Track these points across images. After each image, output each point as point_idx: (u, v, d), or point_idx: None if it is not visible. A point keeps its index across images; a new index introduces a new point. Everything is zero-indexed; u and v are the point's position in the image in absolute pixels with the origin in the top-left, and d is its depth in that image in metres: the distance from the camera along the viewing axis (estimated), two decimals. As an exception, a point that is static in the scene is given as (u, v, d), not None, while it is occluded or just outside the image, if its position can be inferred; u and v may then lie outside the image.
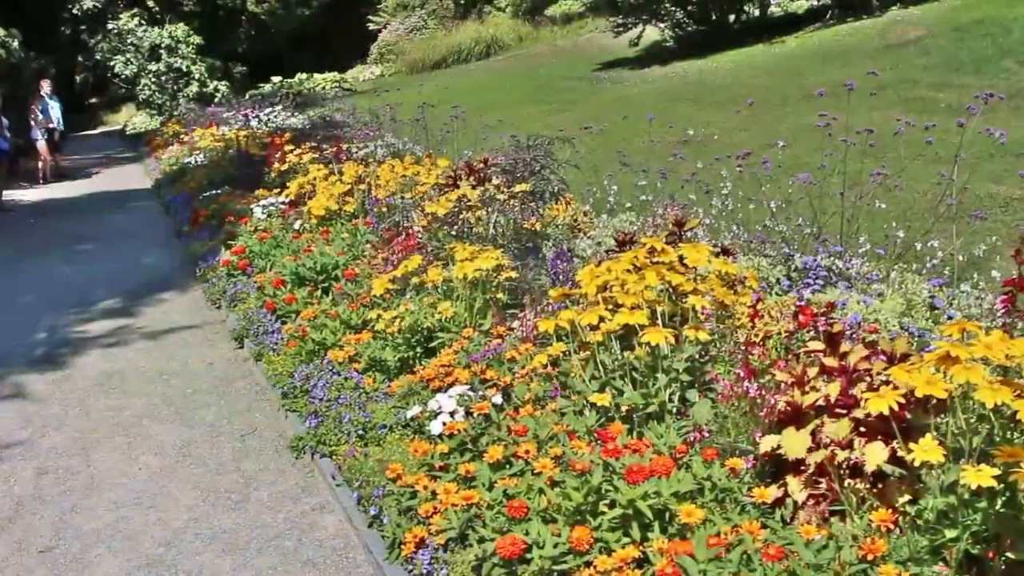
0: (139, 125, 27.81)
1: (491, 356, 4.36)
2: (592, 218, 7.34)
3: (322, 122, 14.59)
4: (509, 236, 5.83)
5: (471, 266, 4.84)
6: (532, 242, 6.29)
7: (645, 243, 4.06)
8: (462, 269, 4.83)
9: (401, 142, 11.51)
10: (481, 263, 4.84)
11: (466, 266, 4.83)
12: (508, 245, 5.82)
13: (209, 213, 10.39)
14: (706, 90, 15.52)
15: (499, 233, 5.86)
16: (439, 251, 6.10)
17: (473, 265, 4.85)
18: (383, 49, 37.99)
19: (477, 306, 4.96)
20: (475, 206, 6.16)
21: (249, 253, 7.69)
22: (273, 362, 5.48)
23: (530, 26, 34.13)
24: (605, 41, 25.50)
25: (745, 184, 6.85)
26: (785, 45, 18.08)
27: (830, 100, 12.66)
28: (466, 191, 6.38)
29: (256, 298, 6.71)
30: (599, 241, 7.15)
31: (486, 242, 5.79)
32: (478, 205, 6.20)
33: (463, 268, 4.83)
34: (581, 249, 6.76)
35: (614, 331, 3.65)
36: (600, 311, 3.67)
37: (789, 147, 7.22)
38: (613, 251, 5.17)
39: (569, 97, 18.05)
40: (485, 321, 4.94)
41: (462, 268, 4.84)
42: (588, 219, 7.30)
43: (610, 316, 3.67)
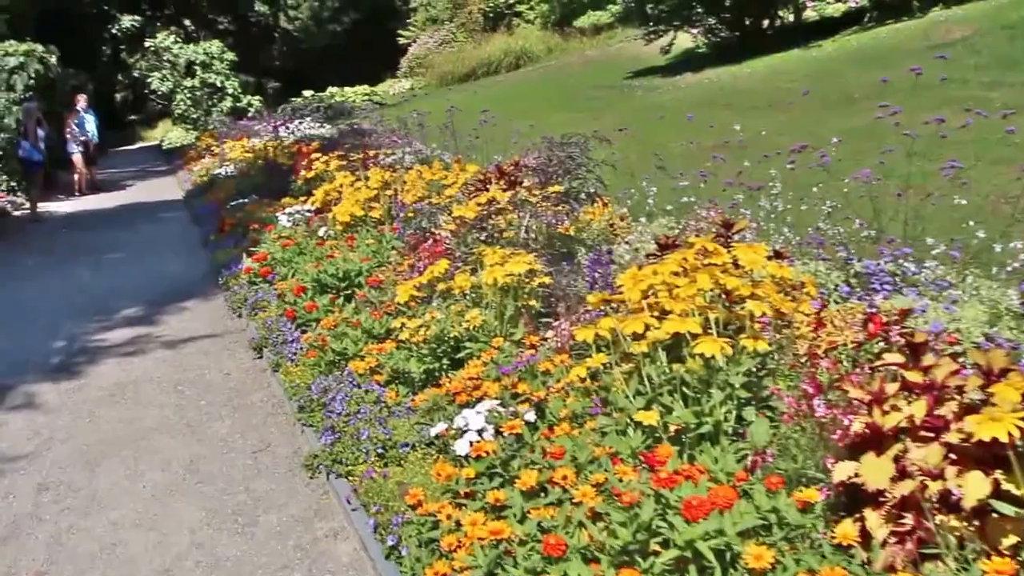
0: (175, 140, 28.00)
1: (523, 368, 4.00)
2: (628, 222, 6.98)
3: (350, 131, 14.34)
4: (542, 241, 5.48)
5: (501, 271, 4.49)
6: (565, 247, 5.93)
7: (694, 244, 3.69)
8: (492, 274, 4.48)
9: (429, 149, 11.21)
10: (512, 268, 4.49)
11: (496, 271, 4.48)
12: (540, 250, 5.47)
13: (235, 222, 10.15)
14: (741, 95, 15.09)
15: (531, 238, 5.51)
16: (467, 257, 5.76)
17: (504, 270, 4.50)
18: (413, 63, 37.98)
19: (508, 314, 4.61)
20: (505, 209, 5.81)
21: (271, 260, 7.39)
22: (291, 373, 5.16)
23: (559, 37, 33.96)
24: (635, 50, 25.14)
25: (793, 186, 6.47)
26: (822, 49, 17.61)
27: (874, 102, 12.29)
28: (496, 194, 6.04)
29: (277, 306, 6.41)
30: (636, 247, 6.79)
31: (517, 247, 5.44)
32: (508, 208, 5.86)
33: (493, 273, 4.48)
34: (618, 255, 6.40)
35: (661, 341, 3.29)
36: (646, 318, 3.30)
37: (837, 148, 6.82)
38: (654, 255, 4.82)
39: (600, 104, 17.70)
40: (516, 330, 4.59)
41: (492, 273, 4.48)
42: (625, 223, 6.94)
43: (657, 324, 3.31)
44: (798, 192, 6.11)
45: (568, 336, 4.41)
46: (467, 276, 4.93)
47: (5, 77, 17.87)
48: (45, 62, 18.66)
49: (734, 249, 3.63)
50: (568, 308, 5.03)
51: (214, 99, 28.69)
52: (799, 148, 5.28)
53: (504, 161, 7.63)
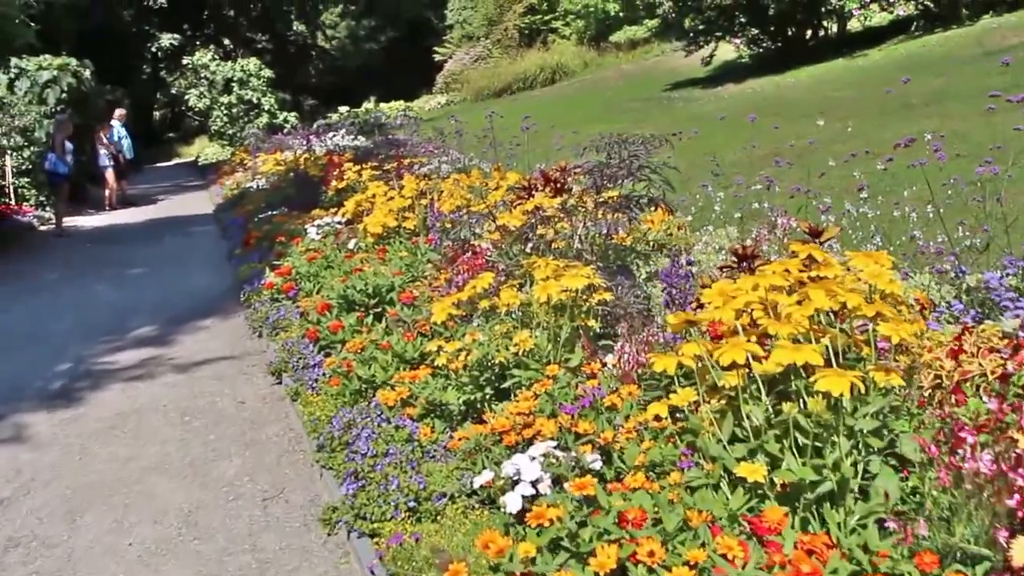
0: (211, 156, 27.93)
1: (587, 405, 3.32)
2: (687, 231, 6.29)
3: (384, 141, 13.77)
4: (597, 252, 4.80)
5: (556, 286, 3.81)
6: (619, 259, 5.25)
7: (798, 251, 2.99)
8: (544, 290, 3.80)
9: (467, 158, 10.59)
10: (569, 282, 3.81)
11: (550, 286, 3.80)
12: (595, 262, 4.79)
13: (261, 235, 9.58)
14: (788, 104, 14.34)
15: (584, 248, 4.83)
16: (512, 270, 5.10)
17: (559, 285, 3.82)
18: (448, 79, 37.71)
19: (563, 336, 3.92)
20: (554, 217, 5.15)
21: (295, 275, 6.77)
22: (311, 403, 4.51)
23: (595, 52, 33.52)
24: (673, 64, 24.48)
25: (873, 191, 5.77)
26: (868, 58, 16.84)
27: (935, 107, 11.51)
28: (543, 200, 5.38)
29: (299, 325, 5.78)
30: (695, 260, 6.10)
31: (568, 258, 4.77)
32: (559, 216, 5.19)
33: (546, 289, 3.80)
34: (679, 270, 5.72)
35: (768, 374, 2.60)
36: (747, 346, 2.61)
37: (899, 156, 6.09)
38: (729, 267, 4.15)
39: (640, 116, 17.01)
40: (573, 356, 3.90)
41: (544, 289, 3.80)
42: (682, 232, 6.25)
43: (761, 351, 2.62)
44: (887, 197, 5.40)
45: (634, 363, 3.73)
46: (513, 292, 4.25)
47: (37, 91, 17.54)
48: (79, 76, 18.33)
49: (851, 257, 2.93)
50: (631, 328, 4.35)
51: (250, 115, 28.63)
52: (908, 141, 4.54)
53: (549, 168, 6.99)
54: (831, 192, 6.05)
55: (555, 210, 5.27)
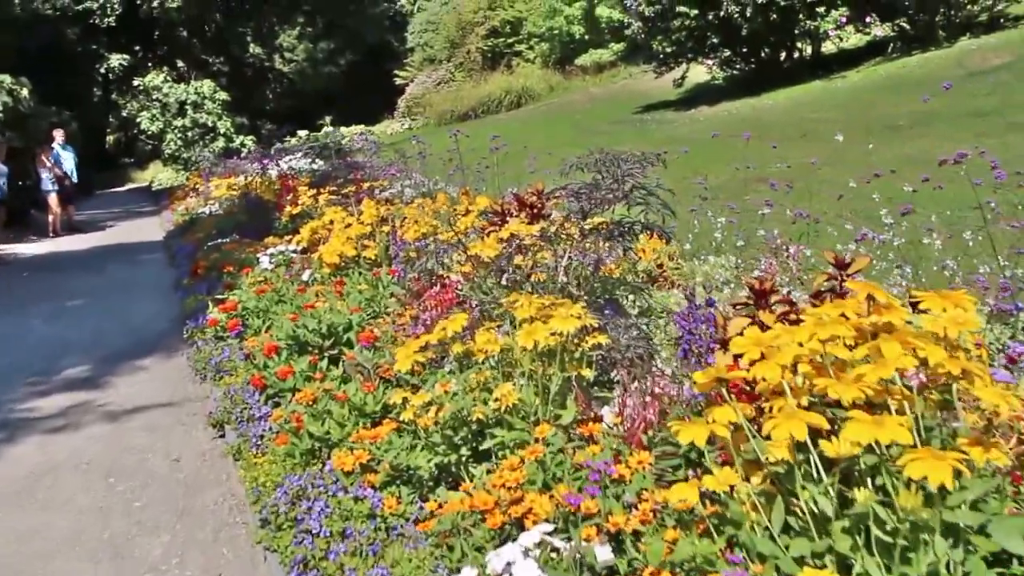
0: (165, 180, 27.21)
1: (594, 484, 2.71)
2: (678, 261, 5.72)
3: (342, 164, 13.12)
4: (585, 287, 4.20)
5: (543, 330, 3.19)
6: (607, 292, 4.66)
7: (856, 288, 2.40)
8: (530, 336, 3.18)
9: (432, 181, 9.97)
10: (559, 324, 3.20)
11: (536, 331, 3.18)
12: (583, 298, 4.19)
13: (209, 264, 8.87)
14: (768, 127, 13.91)
15: (570, 282, 4.23)
16: (487, 308, 4.50)
17: (546, 329, 3.20)
18: (410, 103, 37.24)
19: (553, 389, 3.30)
20: (535, 246, 4.55)
21: (242, 310, 6.09)
22: (255, 465, 3.84)
23: (560, 76, 33.19)
24: (643, 87, 24.10)
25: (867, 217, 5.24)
26: (847, 80, 16.51)
27: (922, 129, 11.10)
28: (520, 227, 4.78)
29: (245, 368, 5.11)
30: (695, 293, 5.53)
31: (552, 294, 4.17)
32: (539, 244, 4.59)
33: (532, 334, 3.18)
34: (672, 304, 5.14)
35: (844, 458, 2.00)
36: (811, 417, 2.02)
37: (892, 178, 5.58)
38: (745, 304, 3.59)
39: (613, 139, 16.50)
40: (564, 411, 3.28)
41: (530, 335, 3.18)
42: (674, 262, 5.68)
43: (823, 422, 2.03)
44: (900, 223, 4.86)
45: (640, 420, 3.13)
46: (491, 335, 3.62)
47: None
48: (15, 94, 17.45)
49: (921, 297, 2.34)
50: (631, 374, 3.76)
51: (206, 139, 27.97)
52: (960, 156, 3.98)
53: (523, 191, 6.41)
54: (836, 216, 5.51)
55: (534, 238, 4.68)
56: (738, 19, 17.17)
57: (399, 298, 5.67)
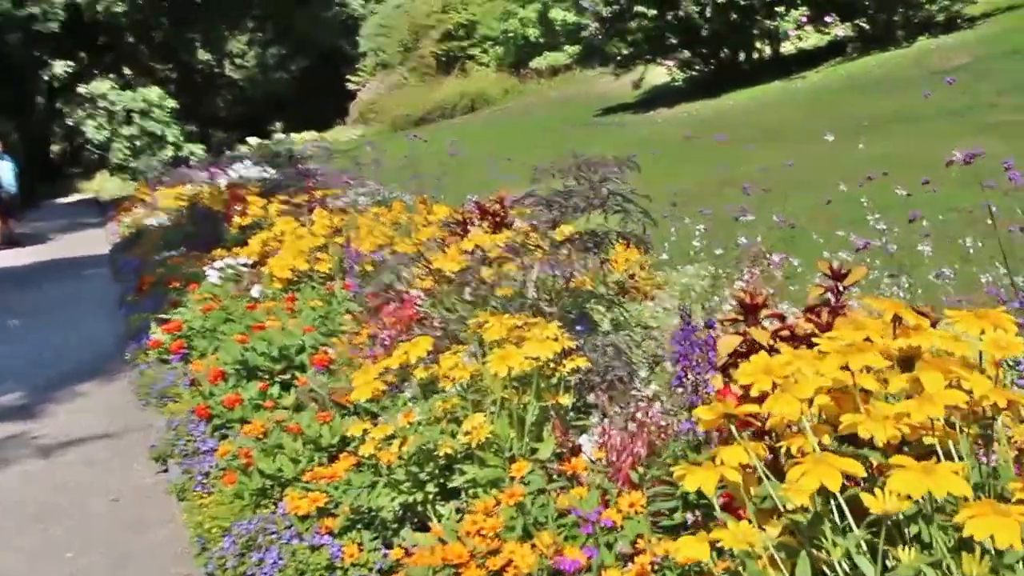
0: (112, 191, 26.40)
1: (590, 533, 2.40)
2: (650, 271, 5.43)
3: (294, 172, 12.70)
4: (559, 302, 3.89)
5: (518, 356, 2.87)
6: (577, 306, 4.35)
7: (883, 308, 2.11)
8: (503, 362, 2.85)
9: (387, 189, 9.62)
10: (535, 349, 2.88)
11: (511, 356, 2.86)
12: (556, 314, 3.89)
13: (155, 279, 8.45)
14: (732, 128, 13.71)
15: (542, 298, 3.92)
16: (450, 327, 4.18)
17: (521, 354, 2.88)
18: (364, 108, 36.81)
19: (529, 419, 2.98)
20: (503, 258, 4.23)
21: (188, 330, 5.71)
22: (201, 507, 3.49)
23: (515, 79, 32.92)
24: (599, 89, 23.89)
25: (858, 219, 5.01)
26: (807, 80, 16.41)
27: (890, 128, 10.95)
28: (485, 239, 4.48)
29: (190, 396, 4.73)
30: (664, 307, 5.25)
31: (522, 310, 3.85)
32: (506, 257, 4.28)
33: (506, 360, 2.85)
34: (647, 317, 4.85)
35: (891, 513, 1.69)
36: (845, 464, 1.72)
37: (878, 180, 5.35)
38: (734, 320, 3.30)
39: (573, 143, 16.15)
40: (542, 445, 2.97)
41: (504, 361, 2.85)
42: (646, 272, 5.39)
43: (862, 471, 1.73)
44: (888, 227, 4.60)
45: (629, 454, 2.82)
46: (458, 359, 3.29)
47: None
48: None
49: (954, 319, 2.06)
50: (611, 398, 3.46)
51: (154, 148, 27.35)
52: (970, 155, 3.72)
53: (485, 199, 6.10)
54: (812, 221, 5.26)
55: (500, 250, 4.37)
56: (697, 19, 17.02)
57: (355, 315, 5.33)
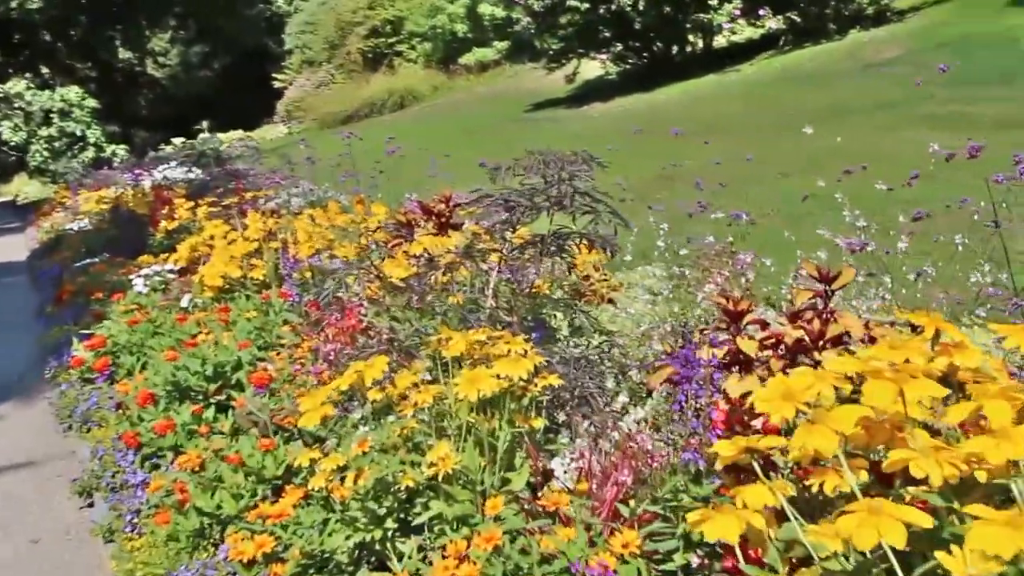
0: (31, 194, 25.40)
1: None
2: (604, 272, 5.18)
3: (222, 173, 12.20)
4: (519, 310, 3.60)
5: (488, 377, 2.57)
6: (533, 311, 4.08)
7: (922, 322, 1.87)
8: (473, 384, 2.55)
9: (321, 189, 9.24)
10: (506, 368, 2.58)
11: (480, 378, 2.56)
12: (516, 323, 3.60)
13: (76, 288, 7.95)
14: (668, 122, 13.56)
15: (502, 306, 3.63)
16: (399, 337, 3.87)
17: (489, 374, 2.59)
18: (290, 106, 36.15)
19: (501, 447, 2.68)
20: (455, 263, 3.93)
21: (112, 346, 5.29)
22: (131, 551, 3.12)
23: (444, 76, 32.62)
24: (530, 84, 23.66)
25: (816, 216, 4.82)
26: (740, 73, 16.37)
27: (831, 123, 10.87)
28: (435, 242, 4.18)
29: (117, 420, 4.34)
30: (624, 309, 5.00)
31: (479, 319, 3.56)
32: (459, 262, 3.98)
33: (475, 382, 2.55)
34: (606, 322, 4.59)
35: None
36: (909, 514, 1.46)
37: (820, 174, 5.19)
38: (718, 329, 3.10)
39: (507, 139, 15.95)
40: (516, 475, 2.67)
41: (473, 383, 2.55)
42: (599, 274, 5.14)
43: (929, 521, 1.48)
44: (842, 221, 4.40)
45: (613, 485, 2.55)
46: (414, 377, 2.97)
47: None
48: None
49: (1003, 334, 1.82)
50: (585, 416, 3.19)
51: (74, 149, 26.42)
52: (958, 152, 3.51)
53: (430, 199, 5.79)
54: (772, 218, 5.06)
55: (452, 254, 4.07)
56: (630, 12, 16.86)
57: (294, 326, 4.98)
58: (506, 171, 3.20)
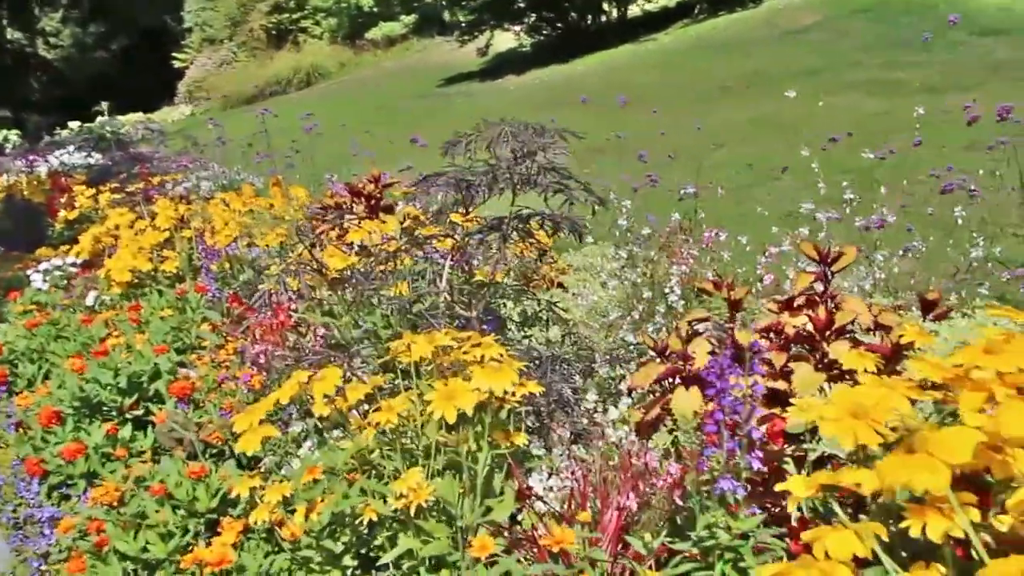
0: (-87, 189, 23.96)
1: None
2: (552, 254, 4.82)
3: (126, 157, 11.49)
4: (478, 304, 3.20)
5: (465, 391, 2.17)
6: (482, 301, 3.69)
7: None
8: (450, 400, 2.15)
9: (233, 171, 8.68)
10: (487, 380, 2.19)
11: (458, 393, 2.16)
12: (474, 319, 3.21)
13: (-36, 288, 7.29)
14: (587, 94, 13.25)
15: (460, 301, 3.23)
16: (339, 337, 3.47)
17: (468, 388, 2.19)
18: (192, 86, 34.87)
19: (482, 471, 2.29)
20: (400, 251, 3.52)
21: (9, 353, 4.74)
22: (38, 605, 2.66)
23: (351, 52, 31.85)
24: (440, 59, 23.13)
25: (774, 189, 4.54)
26: (657, 42, 16.14)
27: (758, 90, 10.69)
28: (375, 227, 3.76)
29: (17, 442, 3.81)
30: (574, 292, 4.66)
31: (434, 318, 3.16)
32: (403, 249, 3.57)
33: (452, 399, 2.15)
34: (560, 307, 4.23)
35: None
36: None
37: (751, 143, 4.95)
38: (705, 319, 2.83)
39: (421, 114, 15.48)
40: (499, 504, 2.29)
41: (450, 400, 2.15)
42: (552, 257, 4.78)
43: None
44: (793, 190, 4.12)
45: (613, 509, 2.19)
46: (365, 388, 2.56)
47: None
48: None
49: None
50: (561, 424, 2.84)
51: (-42, 137, 25.05)
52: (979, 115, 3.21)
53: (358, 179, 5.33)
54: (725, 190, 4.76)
55: (397, 242, 3.66)
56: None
57: (216, 325, 4.51)
58: (466, 145, 2.79)
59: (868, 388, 1.60)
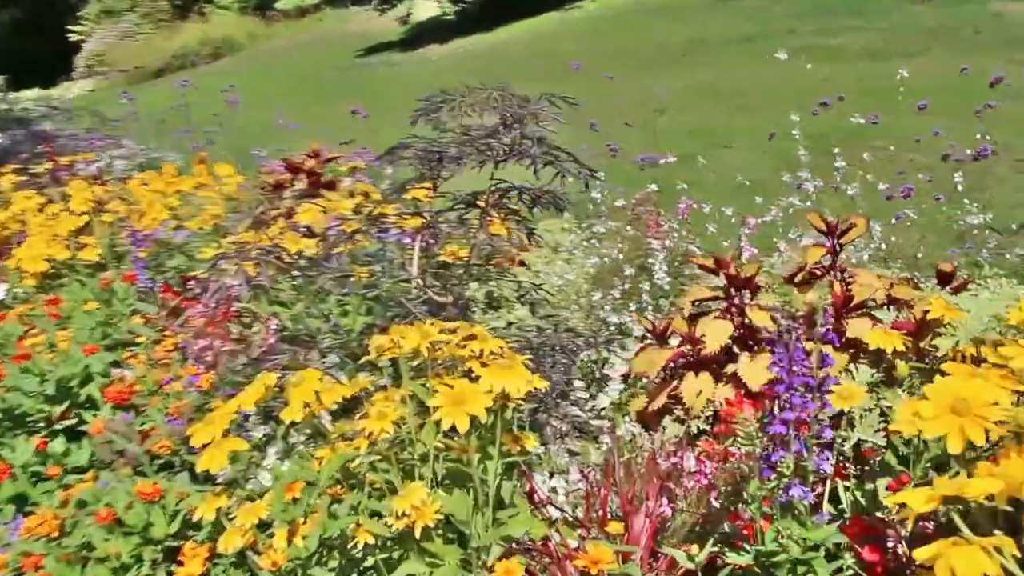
0: None
1: None
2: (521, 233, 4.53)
3: (27, 135, 10.77)
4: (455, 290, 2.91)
5: (476, 394, 1.87)
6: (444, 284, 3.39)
7: None
8: (461, 408, 1.84)
9: (150, 149, 8.17)
10: (501, 380, 1.88)
11: (468, 397, 1.84)
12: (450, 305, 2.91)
13: None
14: (517, 62, 12.92)
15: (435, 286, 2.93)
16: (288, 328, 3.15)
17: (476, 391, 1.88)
18: (92, 61, 33.40)
19: (493, 482, 1.98)
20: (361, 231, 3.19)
21: (-88, 357, 4.25)
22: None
23: (261, 23, 30.91)
24: (356, 28, 22.54)
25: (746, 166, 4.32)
26: (583, 9, 15.89)
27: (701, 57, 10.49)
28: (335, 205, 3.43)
29: (-71, 458, 3.38)
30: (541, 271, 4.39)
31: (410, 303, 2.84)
32: (362, 229, 3.24)
33: (463, 405, 1.84)
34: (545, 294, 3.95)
35: None
36: None
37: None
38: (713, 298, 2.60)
39: (343, 87, 14.95)
40: (513, 519, 1.99)
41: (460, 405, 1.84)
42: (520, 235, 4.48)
43: None
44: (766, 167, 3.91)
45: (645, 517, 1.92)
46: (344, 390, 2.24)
47: None
48: None
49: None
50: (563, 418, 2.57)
51: None
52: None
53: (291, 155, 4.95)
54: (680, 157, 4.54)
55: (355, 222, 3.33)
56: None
57: (149, 318, 4.10)
58: (450, 111, 2.47)
59: (960, 380, 1.38)
